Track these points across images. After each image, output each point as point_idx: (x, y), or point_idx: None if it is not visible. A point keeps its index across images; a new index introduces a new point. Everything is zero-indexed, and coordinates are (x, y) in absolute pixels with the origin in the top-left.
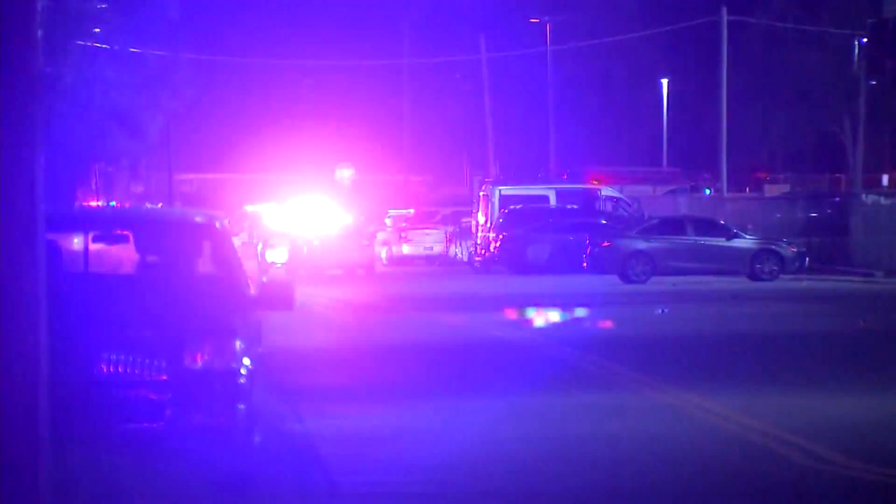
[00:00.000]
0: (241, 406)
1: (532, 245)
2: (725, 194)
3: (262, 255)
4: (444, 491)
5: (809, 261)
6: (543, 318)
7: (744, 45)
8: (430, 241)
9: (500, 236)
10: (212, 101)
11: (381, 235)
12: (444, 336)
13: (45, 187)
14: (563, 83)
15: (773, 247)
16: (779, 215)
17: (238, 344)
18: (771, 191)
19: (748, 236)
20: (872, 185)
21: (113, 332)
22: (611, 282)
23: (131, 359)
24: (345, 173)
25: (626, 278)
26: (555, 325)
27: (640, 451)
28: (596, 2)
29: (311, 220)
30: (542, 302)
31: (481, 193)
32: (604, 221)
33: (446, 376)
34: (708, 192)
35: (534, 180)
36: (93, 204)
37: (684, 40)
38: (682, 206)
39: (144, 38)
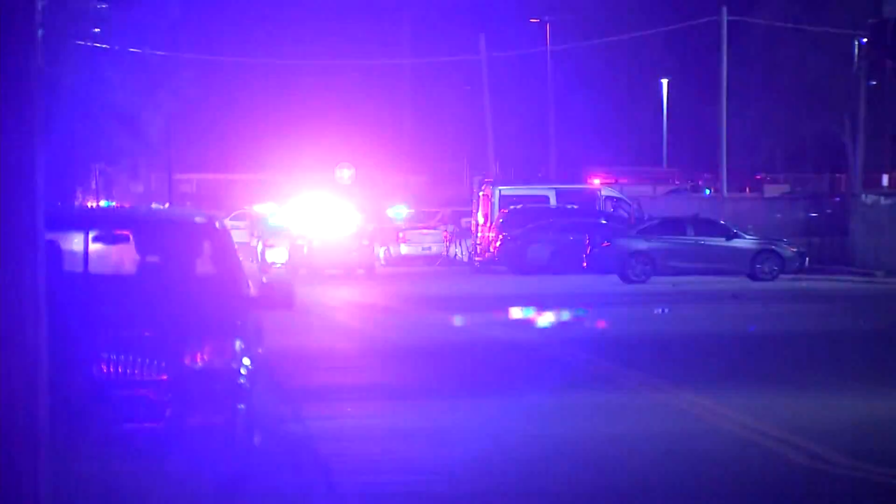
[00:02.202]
0: (241, 406)
1: (532, 245)
2: (725, 194)
3: (262, 255)
4: (445, 491)
5: (809, 261)
6: (544, 318)
7: (744, 45)
8: (429, 241)
9: (500, 236)
10: (212, 101)
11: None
12: (445, 336)
13: (45, 187)
14: (563, 83)
15: (773, 247)
16: (779, 215)
17: (238, 344)
18: (771, 191)
19: (748, 236)
20: (872, 185)
21: (113, 333)
22: (611, 282)
23: (131, 359)
24: (345, 173)
25: (626, 278)
26: (555, 326)
27: (641, 451)
28: (596, 2)
29: (312, 220)
30: (543, 302)
31: (481, 193)
32: (604, 221)
33: (447, 376)
34: (708, 192)
35: (534, 180)
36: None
37: (684, 40)
38: (682, 206)
39: (144, 38)
